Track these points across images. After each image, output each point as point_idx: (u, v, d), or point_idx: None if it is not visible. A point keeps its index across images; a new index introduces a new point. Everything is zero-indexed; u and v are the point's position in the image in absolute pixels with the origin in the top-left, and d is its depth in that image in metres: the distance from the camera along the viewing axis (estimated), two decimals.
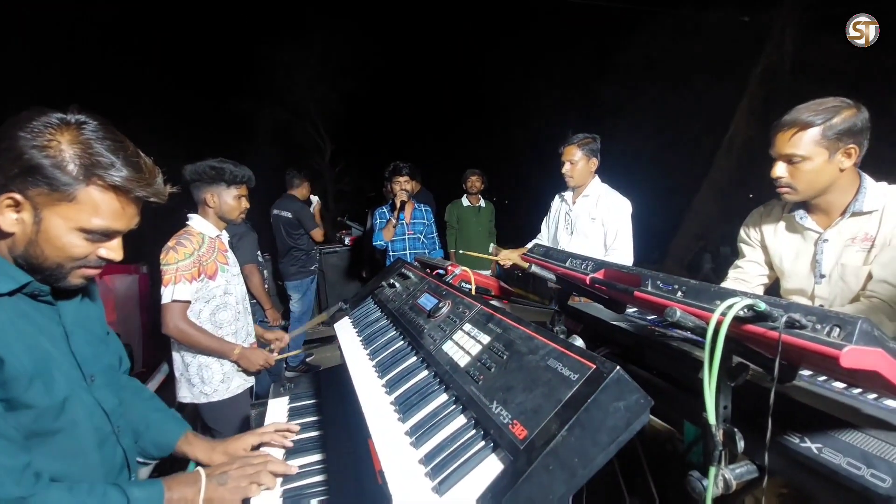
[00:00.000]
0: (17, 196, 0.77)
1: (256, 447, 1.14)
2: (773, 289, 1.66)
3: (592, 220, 2.56)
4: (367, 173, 11.88)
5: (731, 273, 1.72)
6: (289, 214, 4.11)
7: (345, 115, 11.82)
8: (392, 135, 13.23)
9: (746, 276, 1.66)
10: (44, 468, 0.79)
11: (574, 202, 2.65)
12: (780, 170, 1.35)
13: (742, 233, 1.66)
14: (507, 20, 11.80)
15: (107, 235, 0.85)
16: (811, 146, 1.28)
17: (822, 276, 1.39)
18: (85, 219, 0.80)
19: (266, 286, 3.33)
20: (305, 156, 11.88)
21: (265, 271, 3.67)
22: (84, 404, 0.89)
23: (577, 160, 2.53)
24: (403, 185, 3.42)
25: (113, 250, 0.87)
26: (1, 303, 0.79)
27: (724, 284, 1.70)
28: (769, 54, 6.23)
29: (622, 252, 2.47)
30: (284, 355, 2.17)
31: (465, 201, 4.48)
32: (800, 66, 5.99)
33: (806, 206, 1.43)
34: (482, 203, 4.52)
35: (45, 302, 0.87)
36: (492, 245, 3.33)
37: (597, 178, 2.62)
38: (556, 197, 2.83)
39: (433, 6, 11.39)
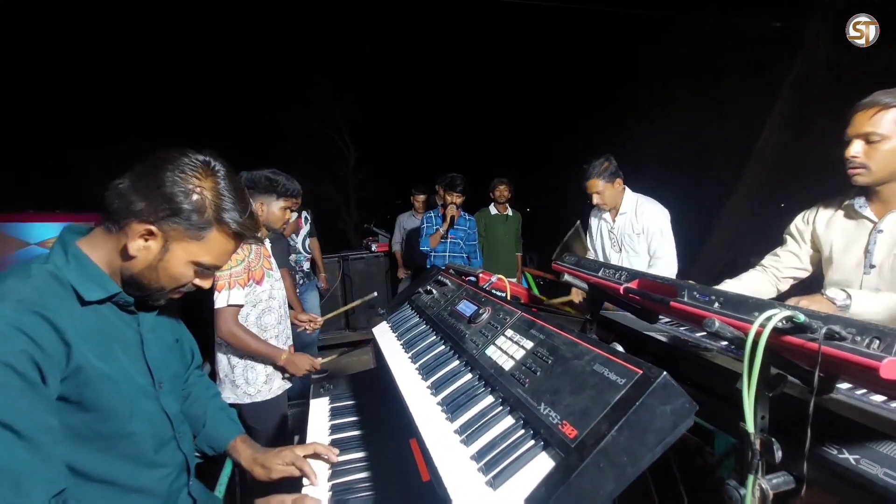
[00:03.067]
0: (154, 228, 0.85)
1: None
2: (814, 285, 1.65)
3: (638, 235, 2.61)
4: (391, 181, 12.07)
5: (766, 260, 1.72)
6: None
7: (369, 123, 12.05)
8: (416, 143, 13.41)
9: (779, 265, 1.67)
10: (100, 470, 0.84)
11: (614, 220, 2.71)
12: (856, 148, 1.35)
13: (793, 224, 1.67)
14: (533, 28, 11.85)
15: (210, 269, 0.94)
16: (892, 125, 1.30)
17: (872, 267, 1.39)
18: (203, 255, 0.90)
19: (297, 290, 3.47)
20: (330, 162, 12.16)
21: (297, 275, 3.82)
22: (148, 411, 0.94)
23: (602, 189, 2.57)
24: (455, 200, 3.65)
25: (207, 280, 0.96)
26: (89, 310, 0.85)
27: (752, 270, 1.73)
28: (802, 60, 6.10)
29: (666, 260, 2.51)
30: (328, 359, 2.27)
31: (492, 210, 4.52)
32: (834, 72, 5.85)
33: (867, 195, 1.44)
34: (509, 212, 4.55)
35: (128, 312, 0.94)
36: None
37: (628, 192, 2.66)
38: (592, 216, 2.87)
39: (457, 15, 11.53)
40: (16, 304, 0.75)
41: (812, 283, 1.66)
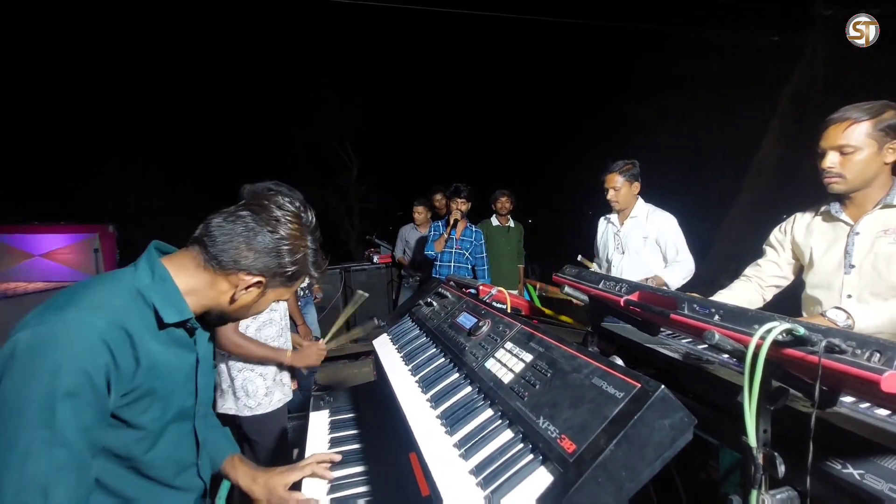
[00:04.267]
0: (263, 280, 0.92)
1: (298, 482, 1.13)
2: (794, 291, 1.70)
3: (645, 239, 2.69)
4: (393, 193, 12.13)
5: (748, 270, 1.78)
6: None
7: (372, 135, 12.17)
8: (419, 155, 13.49)
9: (762, 275, 1.73)
10: (123, 487, 0.85)
11: (622, 223, 2.79)
12: (832, 159, 1.43)
13: (772, 235, 1.75)
14: (535, 41, 12.00)
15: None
16: (863, 137, 1.38)
17: (852, 267, 1.46)
18: (285, 294, 0.99)
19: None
20: (332, 174, 12.27)
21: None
22: (180, 432, 0.95)
23: (620, 186, 2.66)
24: (459, 206, 3.81)
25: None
26: (163, 332, 0.87)
27: (738, 281, 1.79)
28: (800, 74, 6.15)
29: (687, 262, 2.60)
30: (330, 335, 2.12)
31: (494, 221, 4.54)
32: (831, 85, 5.90)
33: (841, 200, 1.51)
34: (511, 223, 4.57)
35: (193, 336, 0.96)
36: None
37: (640, 200, 2.76)
38: (602, 220, 2.96)
39: (460, 30, 11.70)
40: (110, 318, 0.77)
41: (793, 291, 1.72)
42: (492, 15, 6.60)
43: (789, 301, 1.73)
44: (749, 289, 1.74)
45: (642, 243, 2.70)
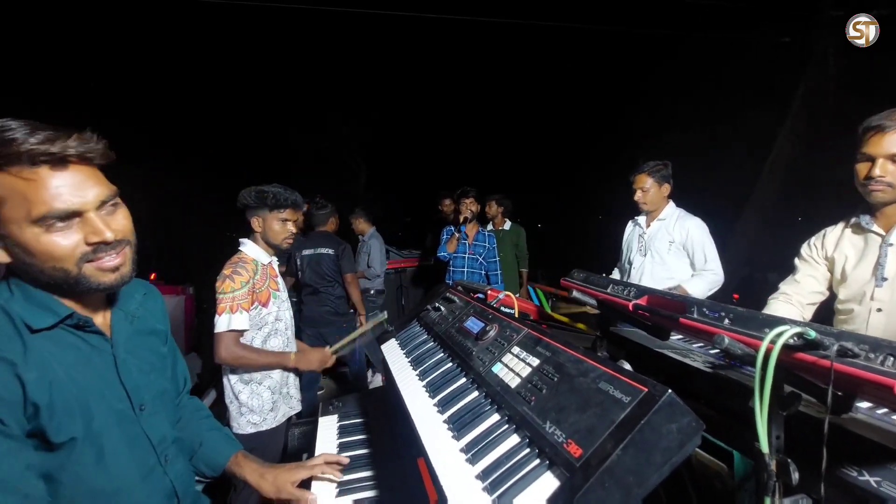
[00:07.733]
0: None
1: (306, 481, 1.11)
2: (824, 309, 1.66)
3: (671, 244, 2.62)
4: (401, 199, 12.18)
5: (785, 287, 1.72)
6: (331, 251, 3.53)
7: (380, 141, 12.25)
8: (427, 161, 13.55)
9: (801, 290, 1.68)
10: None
11: (648, 225, 2.72)
12: (882, 168, 1.37)
13: (803, 249, 1.70)
14: (542, 47, 12.01)
15: (66, 217, 0.75)
16: None
17: (884, 280, 1.41)
18: (25, 212, 0.72)
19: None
20: (341, 181, 12.36)
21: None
22: (127, 436, 0.87)
23: (649, 187, 2.62)
24: (468, 206, 3.92)
25: (94, 232, 0.77)
26: (46, 340, 0.79)
27: (773, 296, 1.74)
28: (812, 74, 6.09)
29: (715, 271, 2.53)
30: (338, 346, 2.07)
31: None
32: (844, 85, 5.83)
33: (871, 212, 1.48)
34: (507, 226, 4.64)
35: (92, 332, 0.85)
36: None
37: (671, 203, 2.69)
38: (630, 222, 2.91)
39: (464, 36, 11.75)
40: None
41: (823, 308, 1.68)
42: (497, 21, 6.64)
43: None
44: (791, 312, 1.68)
45: (667, 247, 2.62)
